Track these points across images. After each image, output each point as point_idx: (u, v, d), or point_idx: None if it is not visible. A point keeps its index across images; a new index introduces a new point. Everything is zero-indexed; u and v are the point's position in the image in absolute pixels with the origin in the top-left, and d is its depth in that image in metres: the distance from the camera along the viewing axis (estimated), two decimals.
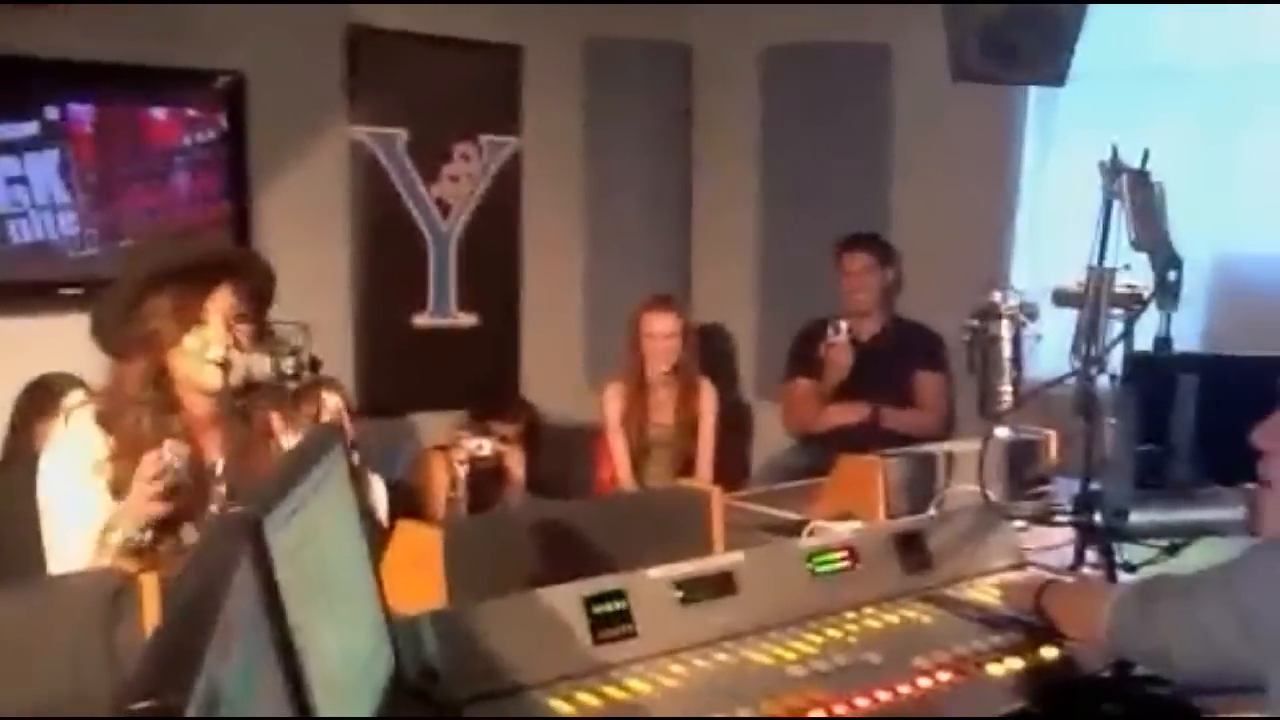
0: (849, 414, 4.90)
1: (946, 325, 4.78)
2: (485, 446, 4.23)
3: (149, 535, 2.41)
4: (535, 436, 5.09)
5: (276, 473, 1.64)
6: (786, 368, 5.22)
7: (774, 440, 5.46)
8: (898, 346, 5.07)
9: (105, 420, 2.48)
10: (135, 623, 1.97)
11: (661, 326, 4.76)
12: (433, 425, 5.15)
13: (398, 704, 1.68)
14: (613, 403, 4.86)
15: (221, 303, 2.47)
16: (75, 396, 2.60)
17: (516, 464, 4.59)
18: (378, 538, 2.30)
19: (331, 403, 2.68)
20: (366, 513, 1.92)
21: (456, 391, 5.13)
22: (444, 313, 5.46)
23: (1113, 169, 2.33)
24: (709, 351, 5.32)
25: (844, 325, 4.92)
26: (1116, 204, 2.34)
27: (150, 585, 2.06)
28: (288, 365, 2.33)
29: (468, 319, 5.52)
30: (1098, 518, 2.32)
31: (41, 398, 3.87)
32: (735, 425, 5.51)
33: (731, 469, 4.94)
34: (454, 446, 4.23)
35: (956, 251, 4.92)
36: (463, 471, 4.16)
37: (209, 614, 1.09)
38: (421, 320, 5.40)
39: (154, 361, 2.48)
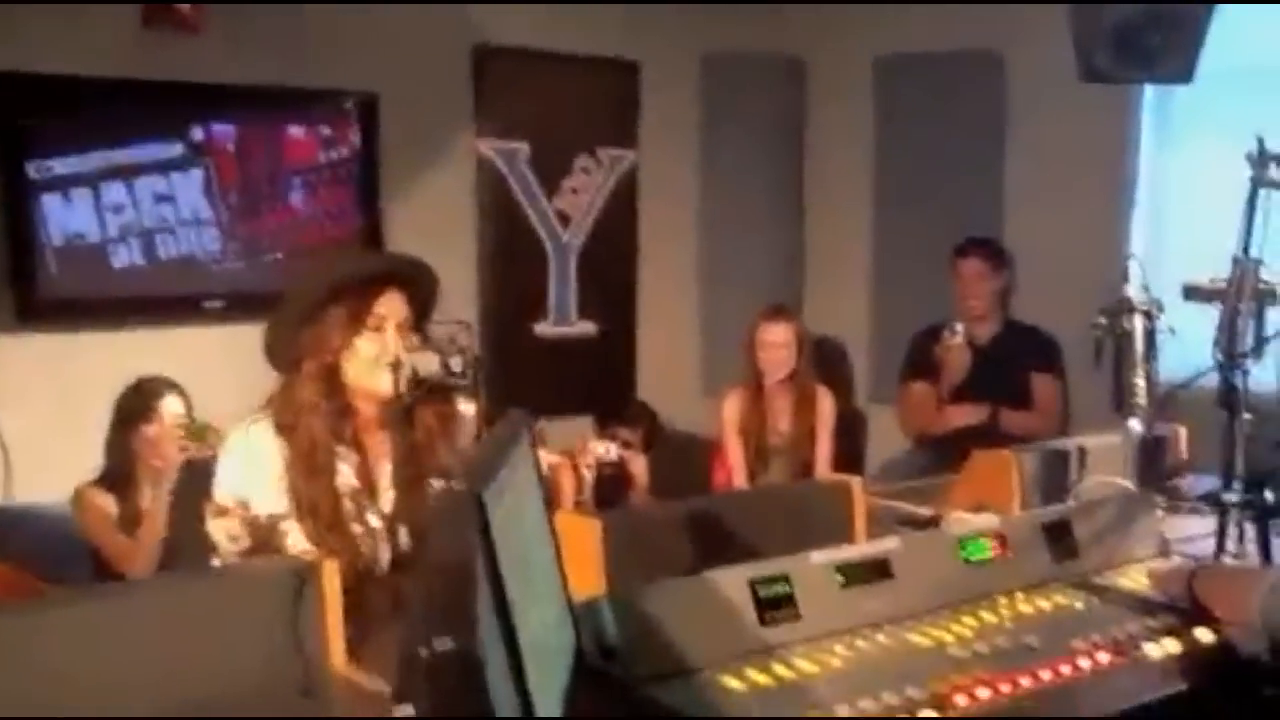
0: (968, 415, 4.92)
1: (1061, 327, 4.82)
2: (611, 451, 4.31)
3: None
4: (655, 442, 5.18)
5: (484, 453, 1.73)
6: (903, 371, 5.25)
7: (888, 444, 5.49)
8: (1013, 349, 5.08)
9: (282, 429, 2.57)
10: (316, 606, 2.08)
11: (776, 336, 4.80)
12: (558, 431, 5.25)
13: (579, 679, 1.74)
14: (730, 409, 4.92)
15: (392, 308, 2.56)
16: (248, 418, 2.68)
17: (640, 468, 4.67)
18: None
19: (470, 410, 2.76)
20: None
21: (579, 397, 5.23)
22: (565, 321, 5.57)
23: (1260, 158, 2.35)
24: (823, 360, 5.38)
25: (960, 328, 4.95)
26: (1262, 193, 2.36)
27: (331, 572, 2.18)
28: (456, 363, 2.42)
29: (587, 327, 5.63)
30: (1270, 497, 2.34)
31: (138, 400, 4.01)
32: (850, 431, 5.54)
33: (848, 473, 4.98)
34: (580, 451, 4.32)
35: (1070, 254, 4.93)
36: (589, 475, 4.25)
37: (470, 572, 1.19)
38: (543, 328, 5.52)
39: (327, 369, 2.56)
